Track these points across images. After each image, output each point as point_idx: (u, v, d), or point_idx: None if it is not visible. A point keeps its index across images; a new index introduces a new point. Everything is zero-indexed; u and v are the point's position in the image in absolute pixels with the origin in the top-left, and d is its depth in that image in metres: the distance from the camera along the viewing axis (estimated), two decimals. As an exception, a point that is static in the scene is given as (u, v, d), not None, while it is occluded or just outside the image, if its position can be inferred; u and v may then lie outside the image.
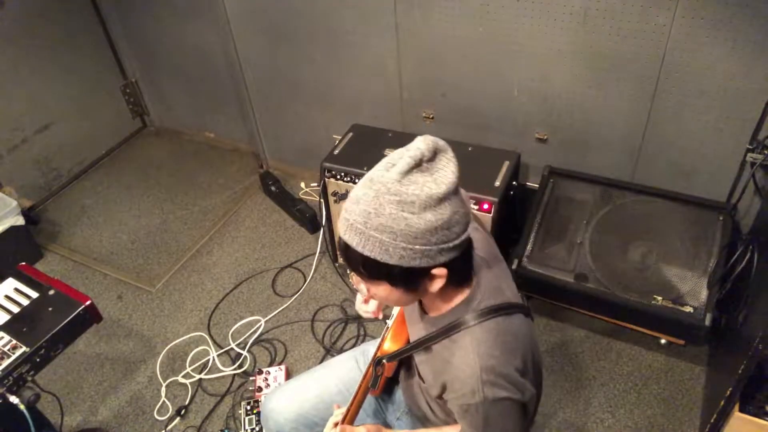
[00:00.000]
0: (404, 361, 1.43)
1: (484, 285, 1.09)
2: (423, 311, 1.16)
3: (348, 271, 1.04)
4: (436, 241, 0.91)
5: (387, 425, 1.54)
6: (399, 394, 1.49)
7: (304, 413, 1.49)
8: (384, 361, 1.28)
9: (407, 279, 0.97)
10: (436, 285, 0.99)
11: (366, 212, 0.90)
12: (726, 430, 1.71)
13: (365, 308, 1.40)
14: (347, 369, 1.52)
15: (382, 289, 1.01)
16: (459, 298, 1.08)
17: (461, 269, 1.03)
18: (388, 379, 1.41)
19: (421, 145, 0.89)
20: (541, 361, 1.20)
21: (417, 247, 0.90)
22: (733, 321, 1.88)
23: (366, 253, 0.92)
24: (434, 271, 0.96)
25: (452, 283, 1.02)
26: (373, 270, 0.95)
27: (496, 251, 1.20)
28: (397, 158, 0.89)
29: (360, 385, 1.34)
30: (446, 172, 0.90)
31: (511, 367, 1.04)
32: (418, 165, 0.89)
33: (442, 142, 0.92)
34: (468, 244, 1.01)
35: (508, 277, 1.18)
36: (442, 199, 0.89)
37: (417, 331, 1.20)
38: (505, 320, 1.07)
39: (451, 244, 0.93)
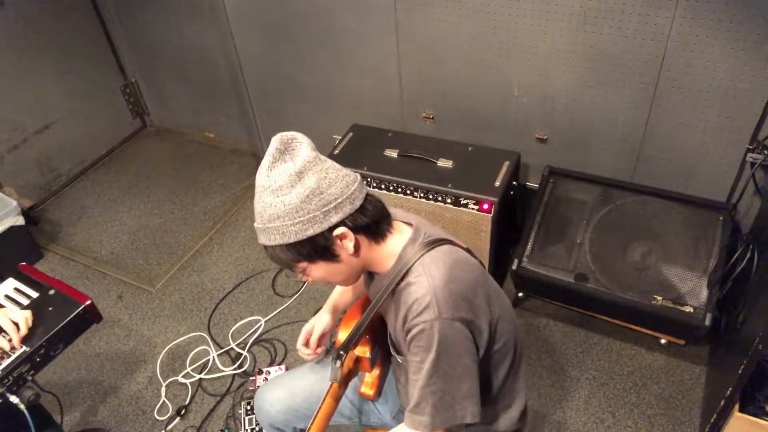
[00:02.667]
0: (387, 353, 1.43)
1: (424, 227, 1.18)
2: (372, 275, 1.23)
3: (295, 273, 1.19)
4: (315, 207, 1.03)
5: (384, 426, 1.55)
6: (394, 395, 1.49)
7: (296, 406, 1.50)
8: (341, 352, 1.25)
9: (315, 249, 1.08)
10: (349, 244, 1.09)
11: (259, 212, 1.06)
12: (726, 430, 1.71)
13: (306, 351, 1.45)
14: None
15: (313, 270, 1.13)
16: (401, 244, 1.15)
17: (370, 223, 1.11)
18: (381, 381, 1.40)
19: (273, 142, 1.05)
20: (506, 305, 1.22)
21: (301, 218, 1.03)
22: (733, 321, 1.88)
23: (272, 243, 1.07)
24: (335, 233, 1.07)
25: (371, 236, 1.13)
26: (288, 255, 1.08)
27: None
28: (264, 160, 1.05)
29: (327, 391, 1.30)
30: (300, 151, 1.05)
31: (463, 286, 1.09)
32: (276, 158, 1.04)
33: (291, 133, 1.07)
34: (365, 200, 1.10)
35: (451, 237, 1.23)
36: (301, 172, 1.03)
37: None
38: (451, 248, 1.15)
39: (332, 204, 1.05)
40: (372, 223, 1.12)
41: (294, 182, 1.03)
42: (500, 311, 1.17)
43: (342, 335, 1.29)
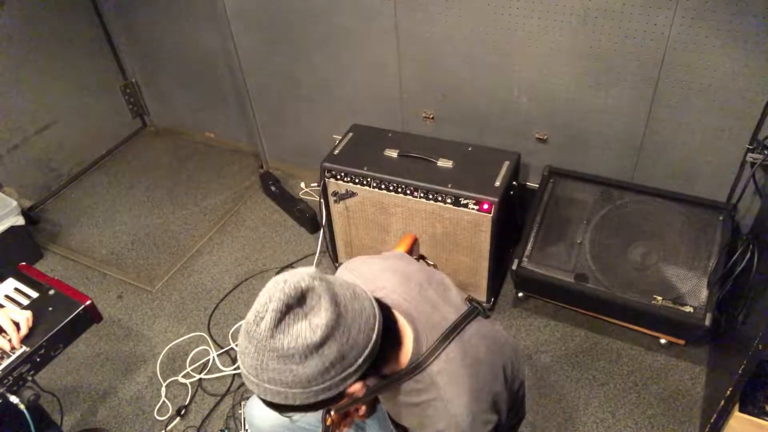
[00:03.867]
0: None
1: (423, 326, 1.05)
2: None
3: None
4: (333, 375, 0.88)
5: None
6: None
7: (287, 421, 1.47)
8: (331, 412, 1.22)
9: (325, 405, 0.93)
10: (361, 391, 0.95)
11: (253, 366, 0.87)
12: (726, 430, 1.71)
13: None
14: None
15: (312, 414, 1.02)
16: (407, 354, 1.04)
17: (383, 358, 0.98)
18: (371, 409, 1.39)
19: (280, 295, 0.84)
20: (516, 351, 1.18)
21: (314, 388, 0.87)
22: (733, 321, 1.88)
23: (269, 399, 0.90)
24: (349, 390, 0.92)
25: (380, 368, 1.01)
26: (288, 409, 0.92)
27: (418, 275, 1.16)
28: (263, 310, 0.84)
29: None
30: (319, 312, 0.85)
31: (482, 394, 1.04)
32: (285, 314, 0.84)
33: (306, 281, 0.86)
34: (386, 329, 0.95)
35: (442, 289, 1.15)
36: (321, 344, 0.84)
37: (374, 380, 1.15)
38: (457, 345, 1.05)
39: (353, 368, 0.89)
40: (387, 350, 0.98)
41: (310, 353, 0.84)
42: (513, 374, 1.14)
43: None
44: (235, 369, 2.29)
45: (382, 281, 1.12)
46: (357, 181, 2.26)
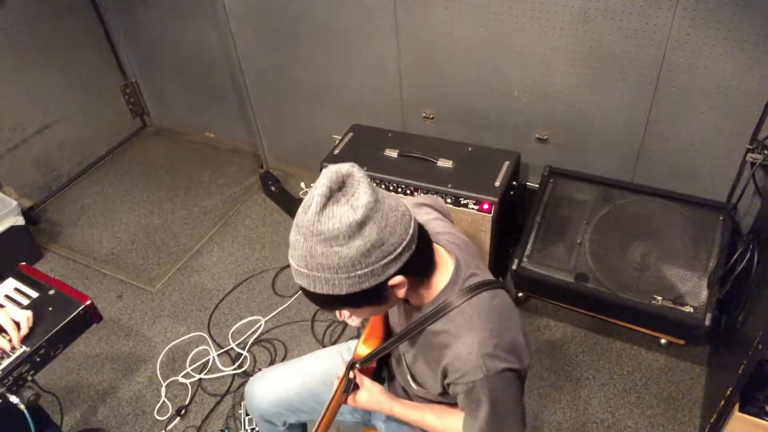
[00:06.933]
0: (385, 366, 1.42)
1: (464, 265, 1.12)
2: (407, 303, 1.17)
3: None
4: (375, 260, 0.94)
5: (372, 426, 1.54)
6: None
7: (288, 399, 1.52)
8: (357, 365, 1.26)
9: (366, 299, 0.99)
10: (401, 290, 1.01)
11: (302, 256, 0.95)
12: (726, 430, 1.71)
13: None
14: (332, 363, 1.53)
15: (356, 313, 1.10)
16: (442, 282, 1.10)
17: (421, 265, 1.05)
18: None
19: (324, 180, 0.93)
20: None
21: (359, 272, 0.94)
22: (733, 321, 1.88)
23: (317, 291, 0.97)
24: (390, 282, 0.98)
25: (418, 277, 1.07)
26: (332, 302, 1.00)
27: (463, 238, 1.24)
28: (310, 198, 0.93)
29: (335, 390, 1.30)
30: (359, 194, 0.93)
31: (506, 336, 1.07)
32: (329, 198, 0.92)
33: (345, 167, 0.95)
34: (420, 239, 1.02)
35: (480, 260, 1.22)
36: (362, 223, 0.91)
37: (401, 325, 1.22)
38: (491, 294, 1.10)
39: (393, 255, 0.95)
40: (425, 263, 1.07)
41: (353, 233, 0.91)
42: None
43: (361, 349, 1.27)
44: (235, 369, 2.29)
45: (433, 222, 1.22)
46: (357, 181, 2.26)
